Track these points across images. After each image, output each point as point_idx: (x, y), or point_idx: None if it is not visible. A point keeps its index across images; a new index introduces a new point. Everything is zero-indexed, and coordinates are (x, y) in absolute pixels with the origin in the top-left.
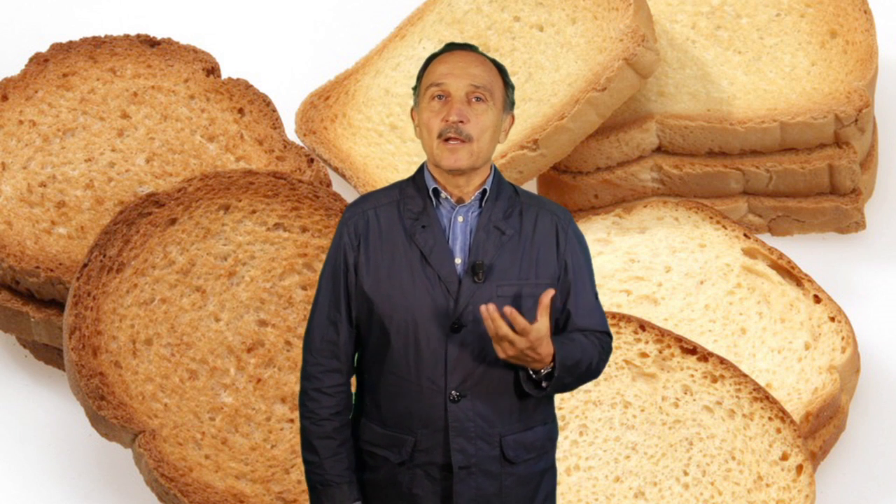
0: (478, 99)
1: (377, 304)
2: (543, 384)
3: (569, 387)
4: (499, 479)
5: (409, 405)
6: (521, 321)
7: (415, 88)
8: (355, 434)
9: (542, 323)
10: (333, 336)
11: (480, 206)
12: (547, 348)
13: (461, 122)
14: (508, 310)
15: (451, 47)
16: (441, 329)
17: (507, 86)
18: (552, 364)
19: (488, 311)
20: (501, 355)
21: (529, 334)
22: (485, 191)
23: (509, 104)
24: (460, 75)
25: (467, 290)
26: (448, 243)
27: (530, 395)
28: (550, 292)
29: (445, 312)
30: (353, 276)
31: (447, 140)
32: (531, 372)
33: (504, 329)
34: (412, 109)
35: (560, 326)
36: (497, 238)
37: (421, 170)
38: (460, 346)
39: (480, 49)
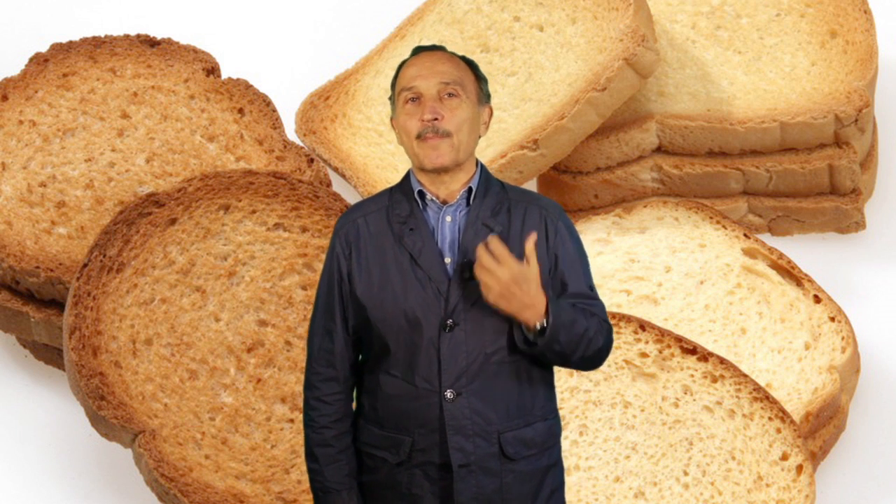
0: (450, 95)
1: (371, 310)
2: (537, 341)
3: (565, 352)
4: (499, 477)
5: (406, 405)
6: (500, 249)
7: (391, 98)
8: (354, 436)
9: (532, 266)
10: (329, 345)
11: (468, 204)
12: (538, 293)
13: (436, 119)
14: (492, 238)
15: (417, 51)
16: (433, 329)
17: (479, 79)
18: (546, 317)
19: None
20: (490, 298)
21: (510, 264)
22: (470, 189)
23: (485, 97)
24: (428, 75)
25: (457, 288)
26: (437, 244)
27: (526, 390)
28: (533, 236)
29: (437, 312)
30: (346, 284)
31: (426, 139)
32: (524, 331)
33: (485, 257)
34: (391, 119)
35: None
36: (486, 235)
37: (407, 175)
38: (453, 344)
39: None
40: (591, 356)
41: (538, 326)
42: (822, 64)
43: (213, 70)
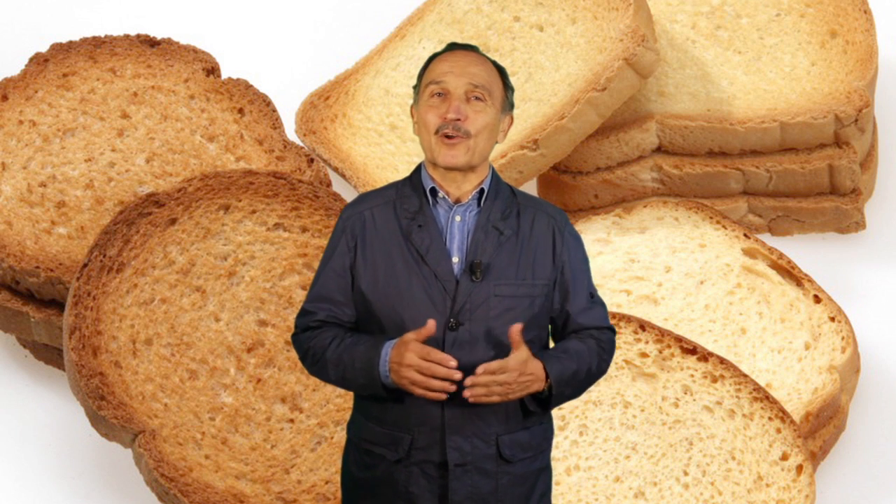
0: (477, 98)
1: (374, 304)
2: (547, 402)
3: (575, 395)
4: (494, 478)
5: (407, 402)
6: (493, 365)
7: (415, 87)
8: (355, 433)
9: (521, 351)
10: (321, 319)
11: (478, 206)
12: (534, 368)
13: (459, 119)
14: (517, 327)
15: (452, 47)
16: (439, 327)
17: (507, 87)
18: (548, 383)
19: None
20: (501, 398)
21: (508, 366)
22: (482, 190)
23: (508, 105)
24: (460, 74)
25: (464, 289)
26: (445, 243)
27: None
28: (518, 327)
29: (443, 311)
30: (349, 276)
31: (444, 137)
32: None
33: (484, 377)
34: (412, 107)
35: (559, 327)
36: (495, 238)
37: (418, 169)
38: (457, 344)
39: (481, 49)
40: (597, 379)
41: (545, 391)
42: (822, 64)
43: (213, 70)
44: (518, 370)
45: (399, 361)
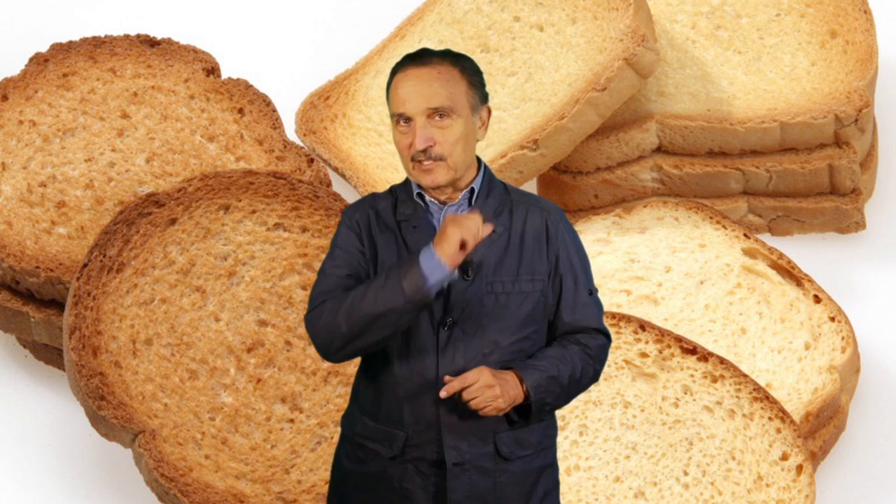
0: (441, 116)
1: None
2: (529, 411)
3: (559, 402)
4: (493, 476)
5: (401, 400)
6: (458, 379)
7: (387, 98)
8: (348, 426)
9: (478, 369)
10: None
11: (469, 205)
12: (503, 377)
13: (428, 146)
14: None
15: (407, 61)
16: (432, 326)
17: (472, 85)
18: (525, 390)
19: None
20: (494, 406)
21: (473, 374)
22: (473, 189)
23: (479, 101)
24: (416, 99)
25: (457, 288)
26: None
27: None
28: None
29: (437, 309)
30: (363, 258)
31: (420, 162)
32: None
33: (457, 384)
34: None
35: (549, 324)
36: (486, 236)
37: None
38: (451, 342)
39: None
40: (587, 385)
41: (525, 401)
42: (822, 64)
43: (213, 70)
44: (488, 375)
45: (443, 229)
